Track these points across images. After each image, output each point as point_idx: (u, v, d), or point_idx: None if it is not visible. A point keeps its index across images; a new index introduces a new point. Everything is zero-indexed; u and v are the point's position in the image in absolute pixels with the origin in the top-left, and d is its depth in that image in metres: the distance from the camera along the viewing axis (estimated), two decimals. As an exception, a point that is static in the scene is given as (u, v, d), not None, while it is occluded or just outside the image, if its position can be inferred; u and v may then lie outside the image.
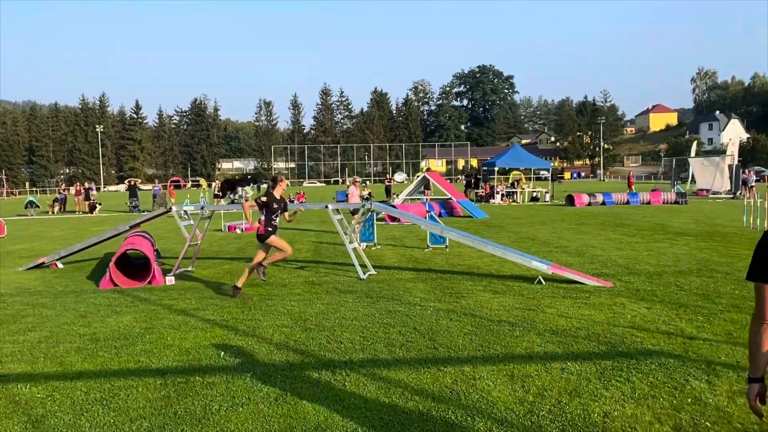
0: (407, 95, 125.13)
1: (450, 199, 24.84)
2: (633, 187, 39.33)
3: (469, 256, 12.16)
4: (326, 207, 10.46)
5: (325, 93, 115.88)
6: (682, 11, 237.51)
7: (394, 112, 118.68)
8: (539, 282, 9.04)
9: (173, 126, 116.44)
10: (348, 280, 9.86)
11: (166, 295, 8.87)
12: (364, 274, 10.00)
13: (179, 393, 4.79)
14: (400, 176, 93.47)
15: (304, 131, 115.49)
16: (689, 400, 4.40)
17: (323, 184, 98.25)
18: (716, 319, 6.70)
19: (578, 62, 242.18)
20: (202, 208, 11.22)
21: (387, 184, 41.11)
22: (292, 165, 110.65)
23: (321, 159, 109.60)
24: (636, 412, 4.20)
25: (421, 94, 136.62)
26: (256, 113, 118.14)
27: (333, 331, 6.54)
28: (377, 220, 17.97)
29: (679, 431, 3.90)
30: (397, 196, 29.54)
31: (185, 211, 11.86)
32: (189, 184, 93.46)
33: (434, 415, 4.25)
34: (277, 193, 8.79)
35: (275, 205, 8.65)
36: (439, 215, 22.51)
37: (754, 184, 32.53)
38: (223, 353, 5.82)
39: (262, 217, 8.61)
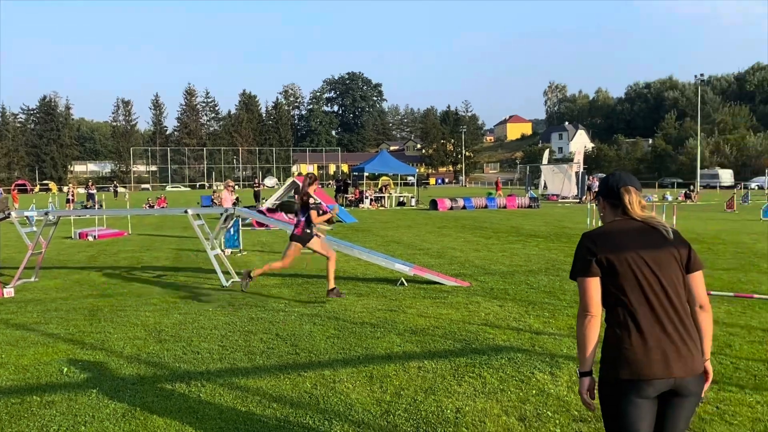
0: (277, 99, 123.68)
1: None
2: (501, 191, 41.58)
3: (335, 260, 12.18)
4: (186, 212, 10.06)
5: (190, 93, 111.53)
6: (537, 29, 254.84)
7: (264, 115, 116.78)
8: (401, 284, 9.26)
9: (18, 125, 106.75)
10: (209, 287, 9.54)
11: (4, 309, 8.09)
12: (227, 281, 9.72)
13: (12, 415, 4.37)
14: (270, 181, 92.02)
15: (167, 133, 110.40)
16: (534, 391, 4.69)
17: (188, 189, 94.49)
18: (560, 314, 7.21)
19: (442, 73, 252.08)
20: (46, 213, 10.36)
21: (256, 189, 40.33)
22: (153, 168, 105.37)
23: (185, 162, 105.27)
24: (486, 406, 4.41)
25: (291, 98, 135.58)
26: (113, 113, 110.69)
27: (190, 342, 6.28)
28: (244, 225, 17.56)
29: (524, 421, 4.15)
30: (266, 200, 29.05)
31: (27, 217, 10.90)
32: (37, 188, 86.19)
33: (292, 421, 4.20)
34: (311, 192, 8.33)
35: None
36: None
37: (597, 189, 35.50)
38: (65, 369, 5.40)
39: (302, 218, 8.08)
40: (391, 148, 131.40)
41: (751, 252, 12.76)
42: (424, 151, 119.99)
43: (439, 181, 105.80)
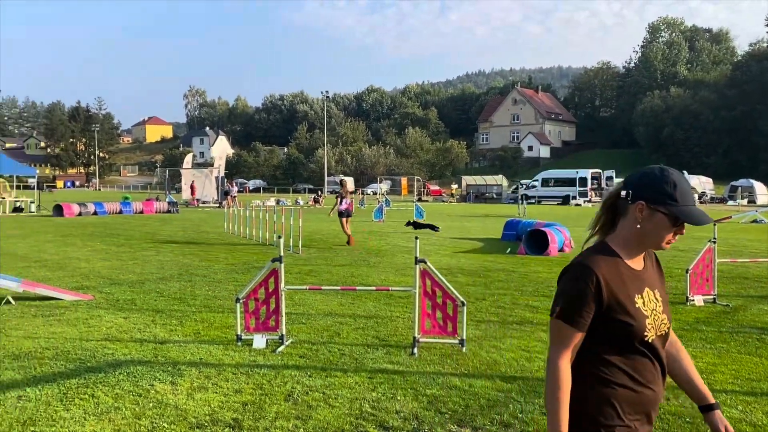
0: None
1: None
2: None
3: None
4: None
5: None
6: (175, 29, 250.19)
7: None
8: (8, 302, 8.03)
9: None
10: None
11: None
12: None
13: None
14: None
15: None
16: (151, 404, 4.50)
17: None
18: (188, 320, 7.13)
19: (70, 67, 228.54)
20: None
21: None
22: None
23: None
24: (96, 429, 4.07)
25: None
26: None
27: None
28: None
29: (138, 437, 3.95)
30: None
31: None
32: None
33: None
34: (344, 191, 15.24)
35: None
36: None
37: (236, 194, 36.43)
38: None
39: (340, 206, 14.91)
40: (8, 145, 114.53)
41: (363, 249, 14.56)
42: (49, 150, 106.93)
43: (69, 184, 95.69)
